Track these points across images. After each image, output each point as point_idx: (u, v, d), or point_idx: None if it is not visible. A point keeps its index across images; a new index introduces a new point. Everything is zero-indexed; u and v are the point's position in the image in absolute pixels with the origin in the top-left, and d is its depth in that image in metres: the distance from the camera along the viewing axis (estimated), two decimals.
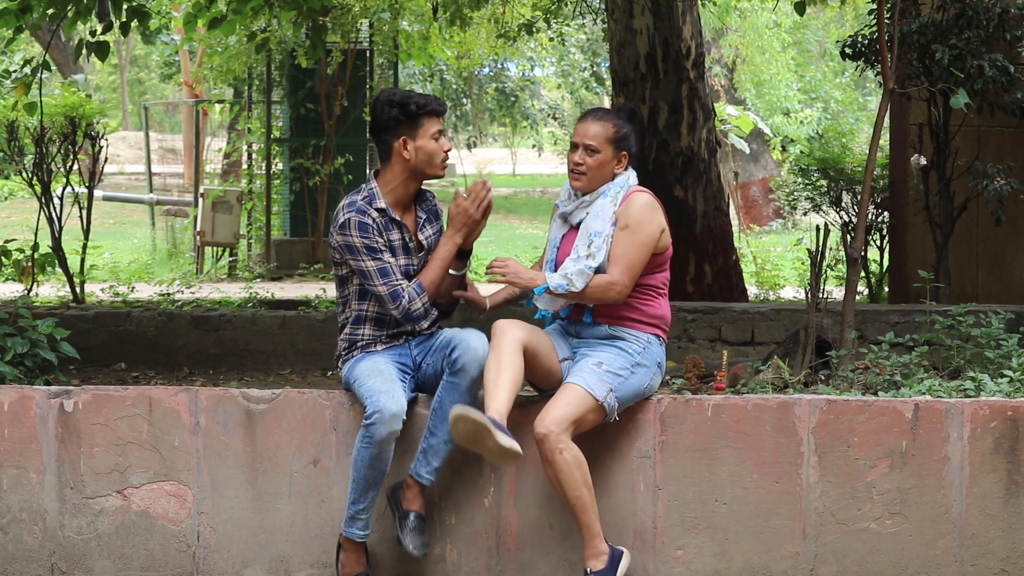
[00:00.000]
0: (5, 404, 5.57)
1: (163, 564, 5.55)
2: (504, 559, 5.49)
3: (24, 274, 10.16)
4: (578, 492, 5.20)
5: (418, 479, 5.35)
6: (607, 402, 5.26)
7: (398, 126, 5.38)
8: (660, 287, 5.48)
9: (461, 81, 31.31)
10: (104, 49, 8.89)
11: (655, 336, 5.44)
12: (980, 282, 10.80)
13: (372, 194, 5.43)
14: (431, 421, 5.34)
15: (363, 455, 5.23)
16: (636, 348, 5.38)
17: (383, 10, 15.38)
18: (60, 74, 23.60)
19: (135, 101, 42.33)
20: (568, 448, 5.19)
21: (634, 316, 5.41)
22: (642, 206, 5.41)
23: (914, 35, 9.40)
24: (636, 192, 5.46)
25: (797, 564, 5.39)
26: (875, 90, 26.89)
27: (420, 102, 5.37)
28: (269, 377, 8.46)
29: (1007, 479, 5.36)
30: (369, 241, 5.34)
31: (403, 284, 5.37)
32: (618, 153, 5.47)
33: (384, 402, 5.19)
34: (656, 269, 5.44)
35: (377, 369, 5.34)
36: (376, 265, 5.35)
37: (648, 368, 5.39)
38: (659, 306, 5.47)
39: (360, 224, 5.34)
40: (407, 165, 5.41)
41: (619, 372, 5.31)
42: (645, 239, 5.37)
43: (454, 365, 5.29)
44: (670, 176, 10.33)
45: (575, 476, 5.19)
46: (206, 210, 17.05)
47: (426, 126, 5.39)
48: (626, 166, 5.51)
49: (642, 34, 10.38)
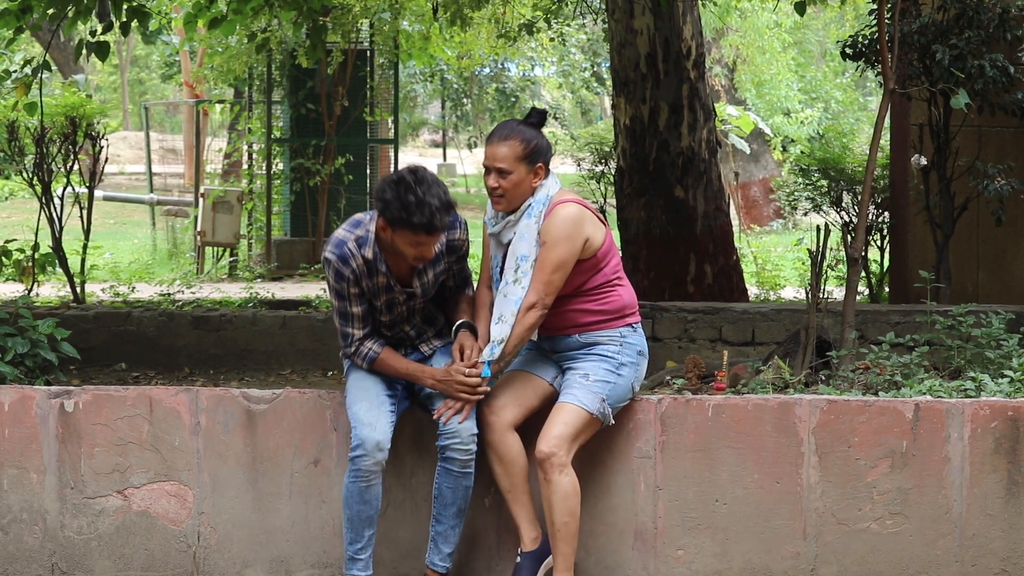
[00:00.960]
0: (6, 404, 5.57)
1: (163, 564, 5.55)
2: (504, 559, 5.48)
3: (24, 274, 10.17)
4: (566, 519, 5.20)
5: (433, 567, 5.36)
6: (602, 412, 5.27)
7: (381, 212, 5.15)
8: (612, 278, 5.36)
9: (461, 81, 31.33)
10: (104, 49, 8.89)
11: (627, 327, 5.37)
12: (981, 282, 10.80)
13: (365, 239, 5.24)
14: (435, 509, 5.32)
15: (351, 489, 5.21)
16: (613, 348, 5.33)
17: (383, 10, 15.38)
18: (60, 74, 23.62)
19: (136, 101, 42.32)
20: (569, 472, 5.19)
21: (596, 318, 5.34)
22: (560, 221, 5.24)
23: (914, 35, 9.40)
24: (557, 205, 5.28)
25: (797, 564, 5.39)
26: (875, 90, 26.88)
27: (401, 217, 5.06)
28: (269, 377, 8.46)
29: (1008, 479, 5.36)
30: (340, 288, 5.25)
31: (356, 334, 5.28)
32: (532, 167, 5.28)
33: (366, 433, 5.16)
34: (596, 270, 5.32)
35: (365, 391, 5.28)
36: (339, 306, 5.29)
37: (632, 363, 5.35)
38: (618, 297, 5.37)
39: (337, 273, 5.22)
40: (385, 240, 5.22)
41: (606, 379, 5.28)
42: (562, 255, 5.23)
43: (443, 452, 5.27)
44: (671, 176, 10.33)
45: (570, 502, 5.20)
46: (207, 210, 17.05)
47: (404, 233, 5.12)
48: (545, 175, 5.33)
49: (643, 34, 10.37)
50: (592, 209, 5.38)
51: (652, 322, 8.68)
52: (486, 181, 5.35)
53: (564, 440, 5.19)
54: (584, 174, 12.86)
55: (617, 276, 5.40)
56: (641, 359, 5.40)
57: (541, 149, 5.32)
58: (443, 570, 5.35)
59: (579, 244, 5.26)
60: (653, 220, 10.31)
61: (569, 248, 5.24)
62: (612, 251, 5.41)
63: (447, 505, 5.30)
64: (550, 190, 5.33)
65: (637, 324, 5.43)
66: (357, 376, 5.36)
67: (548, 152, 5.36)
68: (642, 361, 5.41)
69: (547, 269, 5.23)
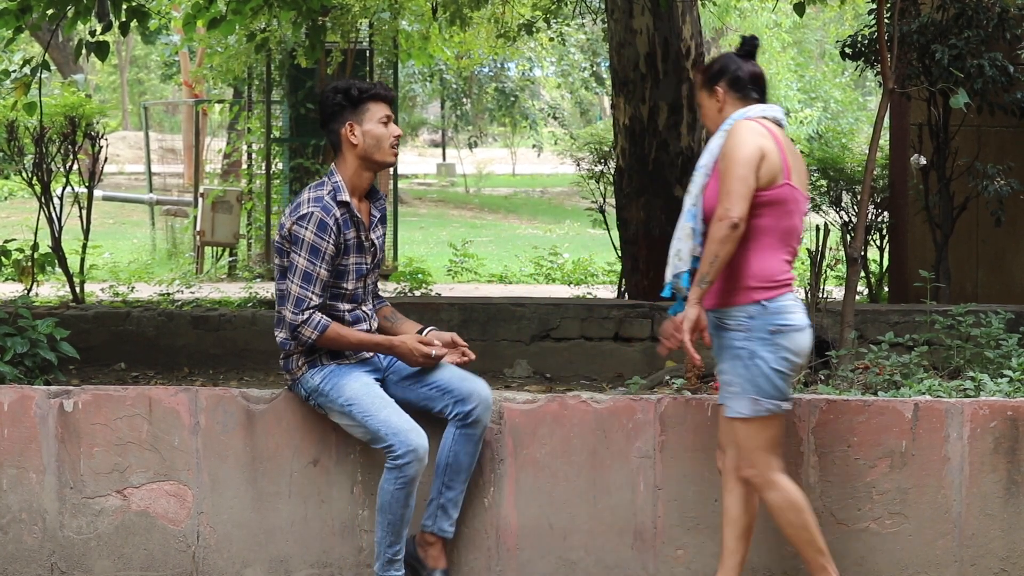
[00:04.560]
0: (5, 404, 5.57)
1: (163, 564, 5.55)
2: (504, 559, 5.49)
3: (24, 274, 10.16)
4: (790, 531, 5.03)
5: (442, 534, 5.34)
6: (764, 410, 4.94)
7: (343, 112, 5.28)
8: (762, 236, 4.93)
9: (461, 81, 31.33)
10: (103, 49, 8.89)
11: (753, 303, 4.92)
12: (980, 282, 10.80)
13: (336, 187, 5.27)
14: (447, 475, 5.30)
15: (398, 496, 5.18)
16: (739, 335, 4.93)
17: (383, 10, 15.38)
18: (60, 74, 23.62)
19: (135, 101, 42.34)
20: (777, 486, 4.99)
21: (726, 285, 4.94)
22: (733, 133, 4.94)
23: (914, 35, 9.40)
24: (738, 122, 4.98)
25: (798, 564, 5.39)
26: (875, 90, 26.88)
27: (362, 87, 5.29)
28: (269, 377, 8.46)
29: (1007, 479, 5.36)
30: (320, 243, 5.18)
31: (313, 300, 5.19)
32: (710, 91, 5.08)
33: (415, 440, 5.14)
34: (755, 212, 4.90)
35: (378, 396, 5.23)
36: (306, 266, 5.19)
37: (766, 343, 4.89)
38: (745, 259, 4.92)
39: (320, 223, 5.18)
40: (355, 152, 5.29)
41: (744, 380, 4.94)
42: (736, 159, 4.86)
43: (468, 417, 5.25)
44: (670, 176, 10.33)
45: (786, 516, 5.01)
46: (206, 210, 17.05)
47: (372, 110, 5.29)
48: (729, 99, 5.04)
49: (642, 34, 10.38)
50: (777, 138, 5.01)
51: (652, 322, 8.68)
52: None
53: (749, 458, 4.99)
54: (584, 174, 12.87)
55: (769, 237, 4.94)
56: (780, 335, 4.90)
57: (716, 72, 5.08)
58: (450, 535, 5.35)
59: (756, 154, 4.88)
60: (652, 220, 10.31)
61: (746, 155, 4.87)
62: (780, 204, 4.95)
63: (461, 471, 5.29)
64: (748, 112, 5.03)
65: (773, 298, 4.92)
66: (355, 384, 5.25)
67: (727, 75, 5.07)
68: (782, 336, 4.90)
69: (727, 178, 4.87)
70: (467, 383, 5.30)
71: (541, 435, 5.44)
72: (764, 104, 5.10)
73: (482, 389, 5.30)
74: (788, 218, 4.96)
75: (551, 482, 5.44)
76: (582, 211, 15.40)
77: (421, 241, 21.71)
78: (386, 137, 5.30)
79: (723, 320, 4.98)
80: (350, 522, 5.50)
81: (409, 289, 11.47)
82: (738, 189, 4.85)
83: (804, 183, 5.07)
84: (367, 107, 5.29)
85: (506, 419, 5.44)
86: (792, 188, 4.95)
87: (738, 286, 4.94)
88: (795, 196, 4.97)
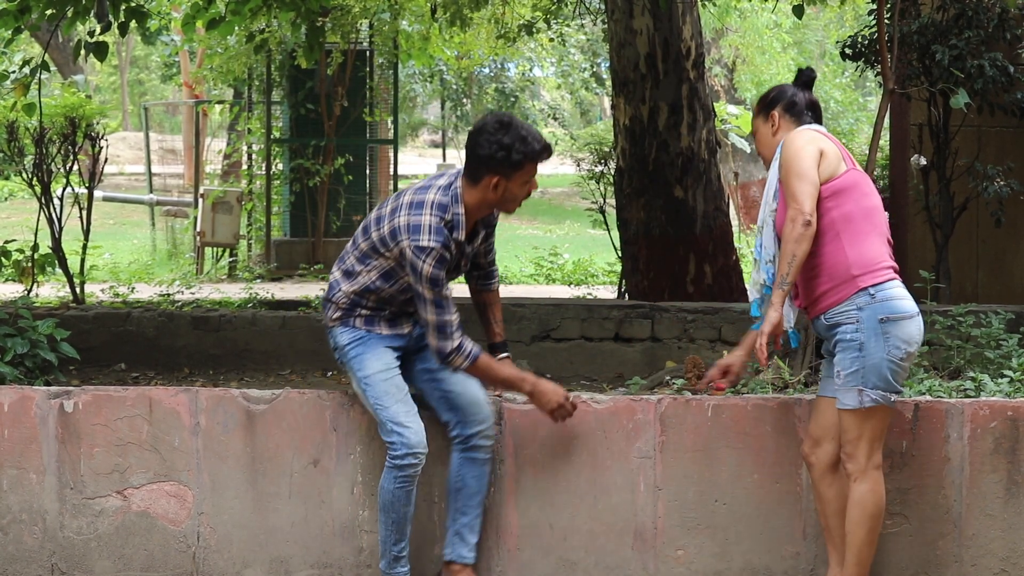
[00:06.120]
0: (5, 404, 5.57)
1: (163, 564, 5.55)
2: (504, 559, 5.48)
3: (24, 275, 10.14)
4: (854, 527, 5.02)
5: (462, 561, 5.32)
6: (871, 401, 4.95)
7: (496, 166, 5.11)
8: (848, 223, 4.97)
9: (461, 81, 31.34)
10: (103, 49, 8.88)
11: (860, 291, 4.94)
12: (980, 282, 10.80)
13: (456, 222, 5.15)
14: (458, 502, 5.29)
15: (399, 495, 5.19)
16: (849, 327, 4.95)
17: (383, 11, 15.38)
18: (60, 75, 23.62)
19: (135, 102, 42.32)
20: (867, 479, 5.00)
21: (821, 285, 5.00)
22: (787, 143, 5.02)
23: (914, 35, 9.40)
24: (788, 135, 5.09)
25: (798, 564, 5.39)
26: (875, 90, 26.87)
27: (528, 152, 5.09)
28: (269, 378, 8.46)
29: (1007, 479, 5.36)
30: (439, 275, 5.12)
31: (454, 320, 5.15)
32: (766, 117, 5.18)
33: (416, 440, 5.13)
34: (833, 204, 4.97)
35: (397, 389, 5.21)
36: (434, 296, 5.13)
37: (876, 334, 4.91)
38: (840, 251, 4.97)
39: (440, 259, 5.10)
40: (488, 199, 5.18)
41: (854, 369, 4.94)
42: (796, 159, 4.93)
43: (468, 442, 5.24)
44: (670, 176, 10.33)
45: (855, 512, 5.01)
46: (206, 211, 17.05)
47: (524, 171, 5.13)
48: (783, 123, 5.14)
49: (642, 34, 10.37)
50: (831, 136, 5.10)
51: (652, 322, 8.68)
52: None
53: (851, 446, 5.00)
54: (584, 174, 12.86)
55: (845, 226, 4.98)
56: (890, 324, 4.92)
57: (772, 99, 5.19)
58: (472, 561, 5.33)
59: (814, 152, 4.96)
60: (653, 220, 10.31)
61: (803, 155, 4.94)
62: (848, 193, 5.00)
63: (472, 495, 5.28)
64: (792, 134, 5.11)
65: (878, 284, 4.96)
66: (378, 365, 5.24)
67: (782, 100, 5.16)
68: (892, 325, 4.92)
69: (790, 181, 4.93)
70: (475, 407, 5.25)
71: (541, 435, 5.44)
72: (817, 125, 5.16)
73: (487, 416, 5.26)
74: (866, 199, 5.02)
75: (551, 482, 5.43)
76: (582, 211, 15.40)
77: None
78: (520, 197, 5.21)
79: (835, 317, 4.99)
80: (350, 523, 5.50)
81: None
82: (803, 188, 4.91)
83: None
84: (523, 168, 5.13)
85: (506, 419, 5.44)
86: (858, 172, 5.02)
87: (842, 280, 4.96)
88: (864, 179, 5.04)
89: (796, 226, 4.88)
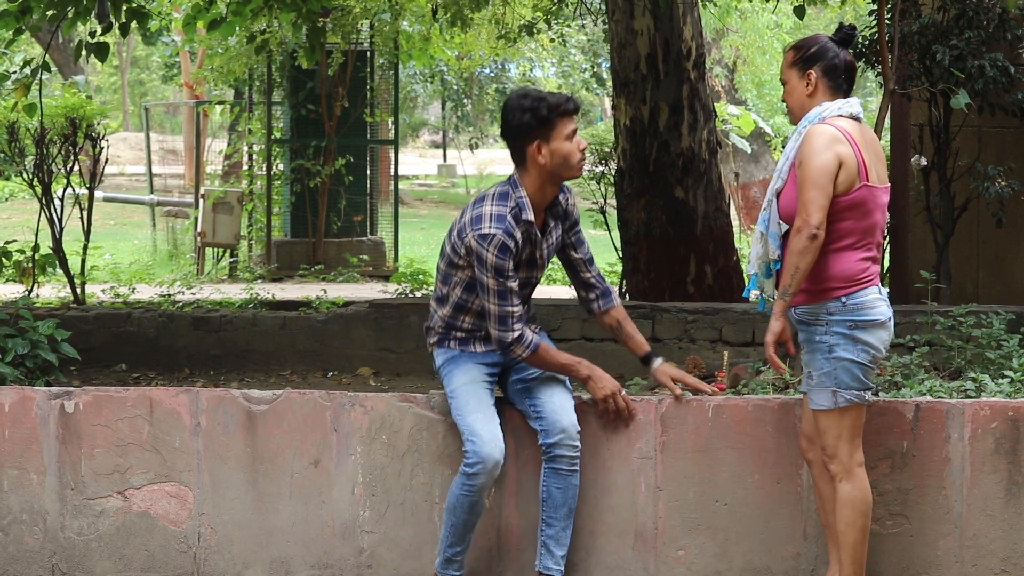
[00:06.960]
0: (6, 405, 5.57)
1: (164, 565, 5.55)
2: (504, 559, 5.48)
3: (25, 275, 10.16)
4: (845, 528, 5.03)
5: (548, 572, 5.32)
6: (846, 401, 4.97)
7: (531, 131, 5.16)
8: (842, 238, 4.94)
9: (462, 82, 31.34)
10: (103, 50, 8.89)
11: (833, 299, 4.95)
12: (981, 283, 10.79)
13: (520, 204, 5.20)
14: (544, 512, 5.29)
15: (463, 502, 5.19)
16: (819, 328, 4.97)
17: (384, 11, 15.38)
18: (60, 75, 23.62)
19: (136, 102, 42.34)
20: (854, 477, 5.00)
21: (808, 286, 4.97)
22: (809, 139, 4.91)
23: (914, 36, 9.39)
24: (813, 127, 4.96)
25: (798, 565, 5.39)
26: (876, 91, 26.89)
27: (552, 103, 5.17)
28: (270, 378, 8.46)
29: (1008, 480, 5.36)
30: (503, 263, 5.14)
31: (516, 312, 5.17)
32: (803, 73, 5.02)
33: (487, 451, 5.13)
34: (834, 216, 4.92)
35: (479, 400, 5.23)
36: (497, 286, 5.15)
37: (845, 338, 4.93)
38: (824, 263, 4.93)
39: (502, 246, 5.12)
40: (543, 170, 5.19)
41: (825, 370, 4.96)
42: (814, 168, 4.86)
43: (550, 451, 5.25)
44: (671, 177, 10.32)
45: (845, 512, 5.01)
46: (207, 211, 17.05)
47: (559, 127, 5.17)
48: (820, 86, 5.00)
49: (643, 35, 10.37)
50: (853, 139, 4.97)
51: (652, 323, 8.68)
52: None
53: (831, 447, 5.01)
54: (584, 175, 12.85)
55: (849, 239, 4.96)
56: (859, 330, 4.94)
57: (812, 55, 5.02)
58: (558, 574, 5.31)
59: (829, 164, 4.88)
60: (653, 221, 10.30)
61: (822, 161, 4.87)
62: (859, 208, 4.96)
63: (558, 507, 5.27)
64: (825, 111, 4.99)
65: (853, 293, 4.96)
66: (464, 379, 5.28)
67: (823, 60, 5.00)
68: (861, 331, 4.94)
69: (804, 188, 4.88)
70: (558, 416, 5.25)
71: None
72: (846, 98, 5.05)
73: (568, 425, 5.25)
74: (867, 217, 4.99)
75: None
76: (583, 212, 15.38)
77: (422, 242, 21.70)
78: (574, 153, 5.21)
79: (805, 316, 5.01)
80: (351, 523, 5.51)
81: (410, 290, 11.45)
82: (816, 199, 4.88)
83: (883, 175, 5.07)
84: (555, 123, 5.17)
85: (506, 419, 5.43)
86: (869, 188, 4.97)
87: (818, 287, 4.97)
88: (873, 195, 4.99)
89: (801, 238, 4.88)
